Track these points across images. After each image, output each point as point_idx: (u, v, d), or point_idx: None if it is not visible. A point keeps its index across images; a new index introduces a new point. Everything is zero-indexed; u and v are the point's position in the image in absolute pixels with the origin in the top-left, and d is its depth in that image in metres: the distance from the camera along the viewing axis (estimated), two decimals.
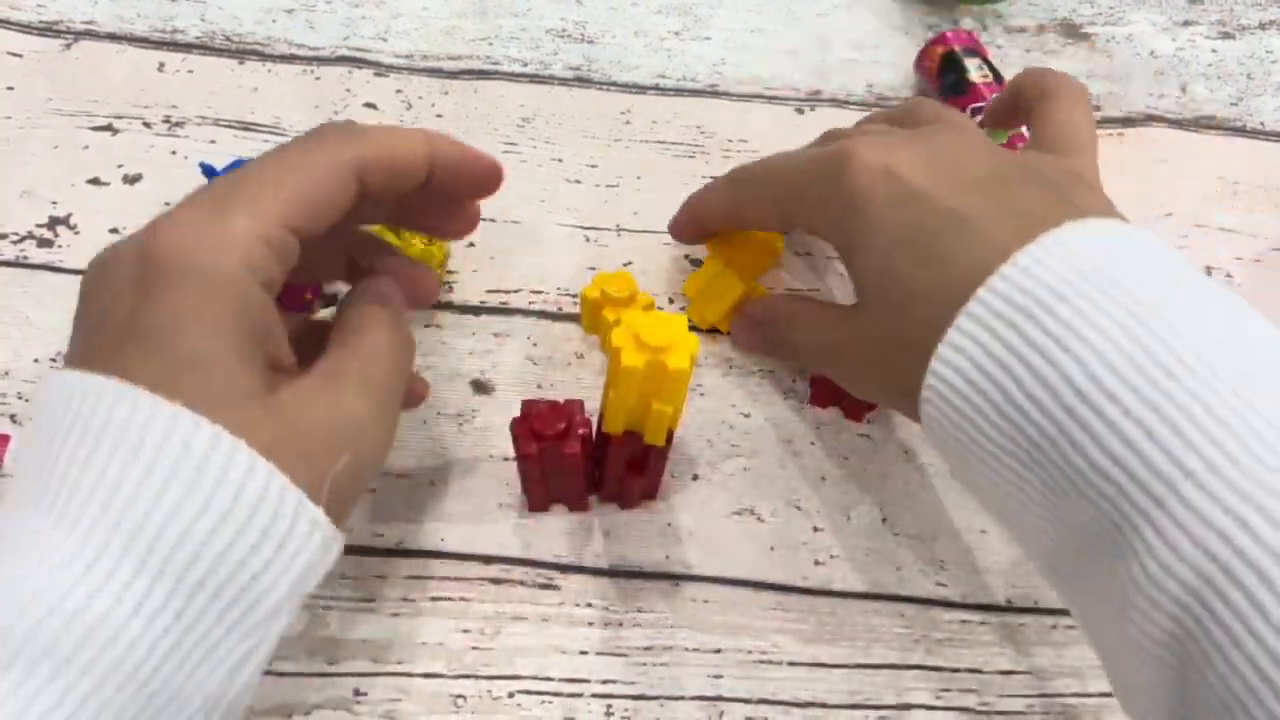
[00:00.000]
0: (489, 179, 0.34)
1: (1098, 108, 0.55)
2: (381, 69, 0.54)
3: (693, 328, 0.45)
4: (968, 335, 0.30)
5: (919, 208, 0.32)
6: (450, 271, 0.48)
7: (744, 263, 0.45)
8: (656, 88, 0.55)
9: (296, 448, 0.27)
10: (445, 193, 0.34)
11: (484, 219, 0.50)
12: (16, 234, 0.47)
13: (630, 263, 0.48)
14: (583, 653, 0.39)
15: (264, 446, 0.26)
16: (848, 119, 0.54)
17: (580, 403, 0.36)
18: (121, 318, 0.26)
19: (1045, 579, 0.33)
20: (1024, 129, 0.51)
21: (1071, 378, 0.28)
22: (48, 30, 0.55)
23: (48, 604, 0.24)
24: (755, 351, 0.45)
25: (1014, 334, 0.29)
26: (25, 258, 0.47)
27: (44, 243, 0.47)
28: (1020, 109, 0.41)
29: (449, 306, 0.47)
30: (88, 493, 0.25)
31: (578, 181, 0.51)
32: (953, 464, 0.34)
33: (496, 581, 0.40)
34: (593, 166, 0.52)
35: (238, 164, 0.49)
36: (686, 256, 0.49)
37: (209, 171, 0.47)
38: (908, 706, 0.39)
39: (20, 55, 0.54)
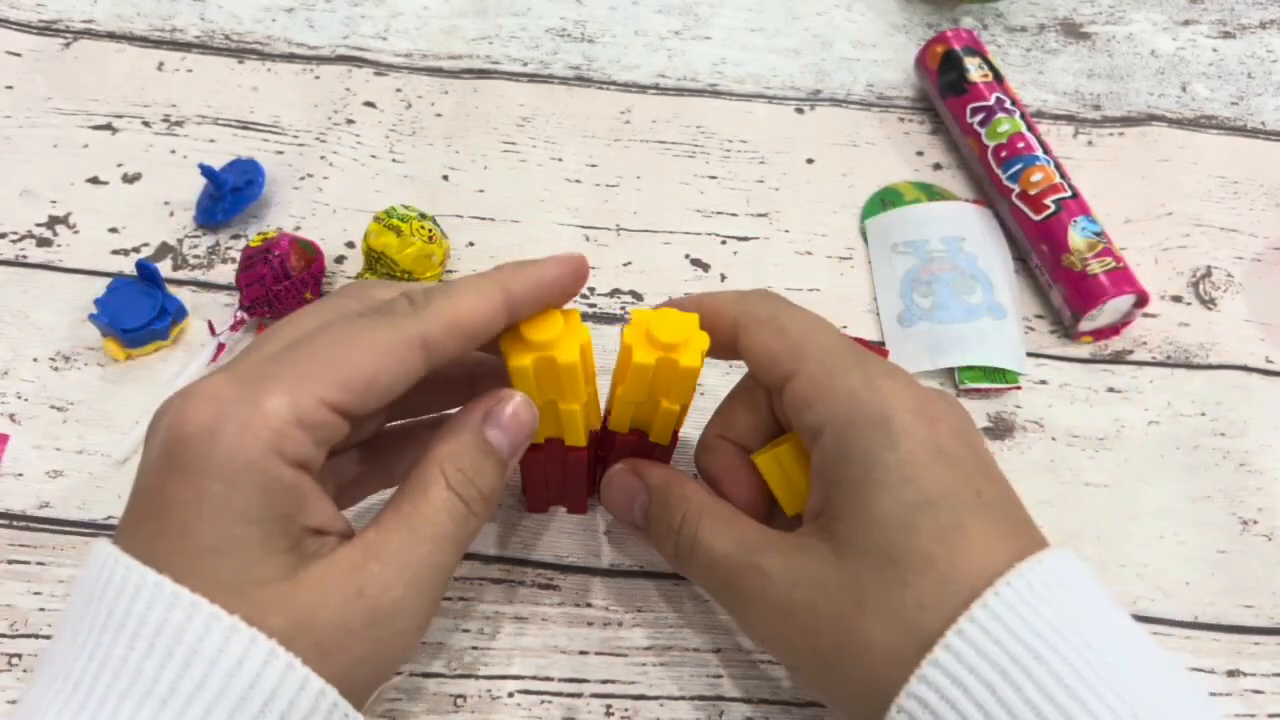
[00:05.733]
0: (572, 286, 0.31)
1: (1098, 106, 0.55)
2: (381, 68, 0.54)
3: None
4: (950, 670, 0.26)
5: (960, 474, 0.29)
6: (449, 271, 0.48)
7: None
8: (657, 87, 0.55)
9: (311, 638, 0.26)
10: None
11: (483, 218, 0.50)
12: (16, 233, 0.47)
13: (629, 263, 0.48)
14: (583, 652, 0.39)
15: (281, 635, 0.25)
16: (848, 118, 0.55)
17: None
18: (149, 492, 0.26)
19: None
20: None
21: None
22: (47, 29, 0.55)
23: None
24: (627, 524, 0.37)
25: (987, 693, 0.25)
26: (24, 257, 0.47)
27: (43, 242, 0.47)
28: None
29: None
30: (109, 679, 0.25)
31: (577, 181, 0.51)
32: None
33: (497, 581, 0.40)
34: (592, 166, 0.52)
35: (237, 164, 0.49)
36: (687, 256, 0.49)
37: (208, 173, 0.47)
38: None
39: (19, 54, 0.54)
